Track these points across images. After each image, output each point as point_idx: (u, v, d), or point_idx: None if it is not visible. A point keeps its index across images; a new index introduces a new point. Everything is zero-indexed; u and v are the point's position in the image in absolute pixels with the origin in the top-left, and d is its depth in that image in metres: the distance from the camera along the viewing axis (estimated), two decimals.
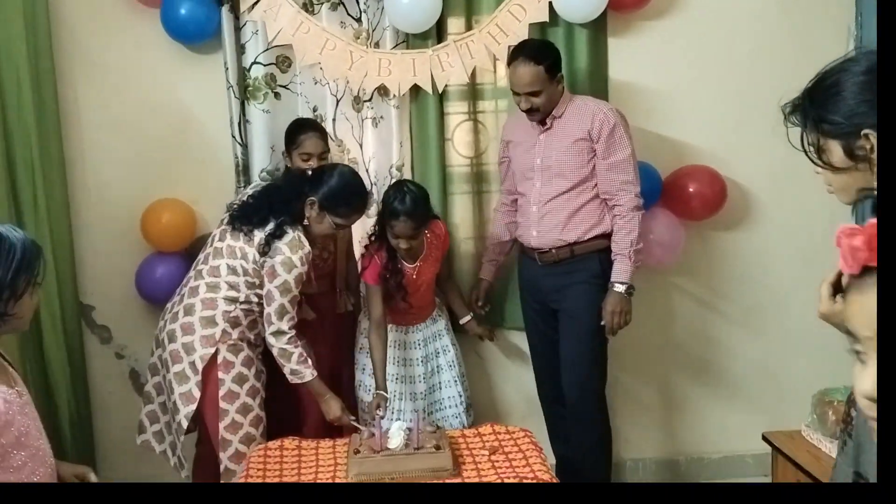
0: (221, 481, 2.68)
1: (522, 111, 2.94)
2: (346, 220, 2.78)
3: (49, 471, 1.93)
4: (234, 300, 2.72)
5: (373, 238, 2.97)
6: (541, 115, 2.94)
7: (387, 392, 2.91)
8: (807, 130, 1.52)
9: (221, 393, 2.67)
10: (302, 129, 3.00)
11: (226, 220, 2.80)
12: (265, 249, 2.67)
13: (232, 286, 2.72)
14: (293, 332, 2.71)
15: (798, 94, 1.53)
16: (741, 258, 3.52)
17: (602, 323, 2.90)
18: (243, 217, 2.75)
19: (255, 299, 2.73)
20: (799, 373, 3.43)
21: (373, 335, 2.92)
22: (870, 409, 0.96)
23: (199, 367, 2.66)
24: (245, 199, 2.83)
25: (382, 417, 2.75)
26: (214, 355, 2.67)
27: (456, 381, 3.09)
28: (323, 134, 3.05)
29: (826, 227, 3.33)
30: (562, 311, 3.01)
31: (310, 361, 2.74)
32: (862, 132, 1.43)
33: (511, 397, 3.48)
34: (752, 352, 3.57)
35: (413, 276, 2.98)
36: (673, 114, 3.39)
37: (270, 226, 2.69)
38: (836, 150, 1.49)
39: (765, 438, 2.78)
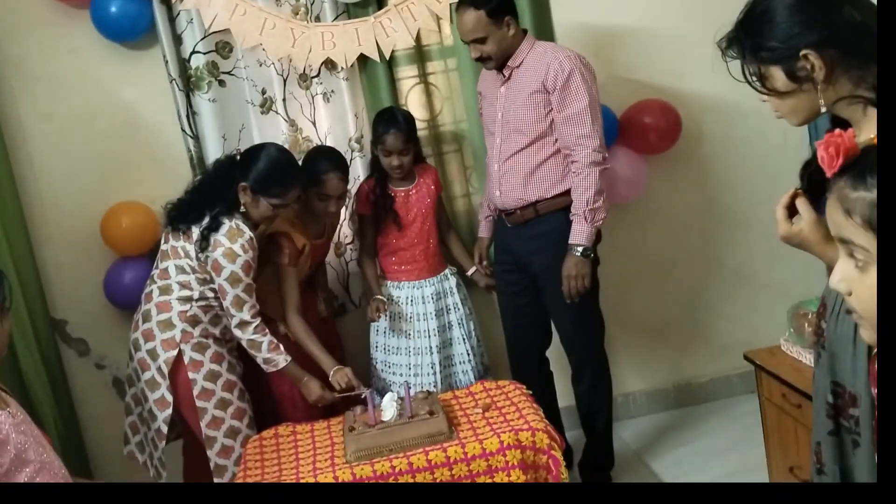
0: (214, 478, 2.70)
1: (474, 60, 2.85)
2: (282, 199, 2.70)
3: (62, 482, 1.93)
4: (188, 299, 2.70)
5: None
6: (495, 64, 2.83)
7: (384, 297, 3.05)
8: (746, 61, 1.53)
9: (196, 392, 2.66)
10: (324, 169, 2.87)
11: (165, 222, 2.78)
12: (203, 245, 2.64)
13: (184, 285, 2.70)
14: (258, 321, 2.69)
15: (731, 28, 1.54)
16: (703, 185, 3.57)
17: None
18: (179, 216, 2.72)
19: (211, 294, 2.71)
20: (774, 287, 3.51)
21: (363, 257, 3.14)
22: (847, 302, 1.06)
23: (166, 371, 2.66)
24: (181, 196, 2.79)
25: (380, 319, 3.02)
26: (181, 357, 2.67)
27: (464, 338, 3.12)
28: (345, 175, 2.95)
29: (781, 143, 3.38)
30: (538, 277, 2.95)
31: (281, 347, 2.73)
32: (801, 53, 1.45)
33: None
34: (725, 272, 3.63)
35: (405, 201, 3.04)
36: (620, 51, 3.40)
37: (206, 220, 2.65)
38: (778, 76, 1.50)
39: (746, 357, 2.83)
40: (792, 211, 1.52)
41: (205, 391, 2.67)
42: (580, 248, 2.78)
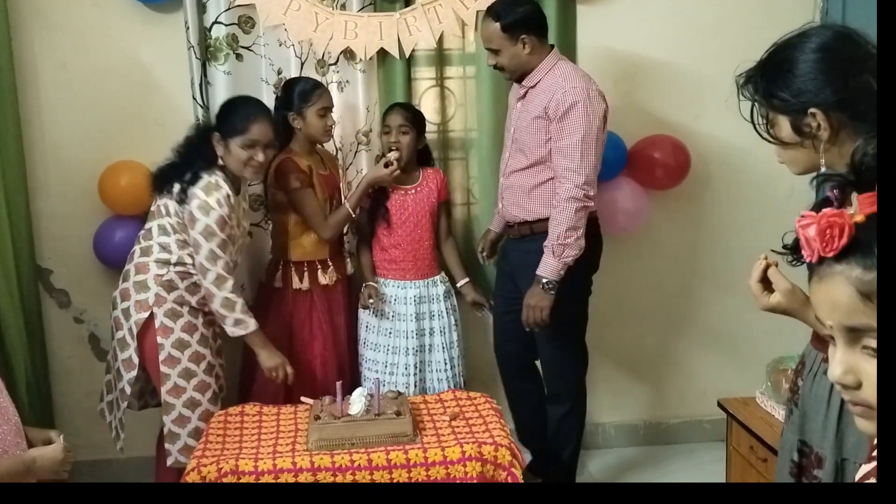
0: (165, 444, 2.69)
1: (489, 66, 2.88)
2: (246, 134, 2.68)
3: (14, 428, 1.93)
4: (165, 262, 2.70)
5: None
6: (510, 76, 2.86)
7: (375, 284, 3.10)
8: (758, 103, 1.53)
9: (161, 357, 2.67)
10: (316, 87, 2.99)
11: (150, 184, 2.79)
12: (181, 197, 2.65)
13: (164, 247, 2.70)
14: (233, 279, 2.68)
15: (753, 66, 1.53)
16: (703, 228, 3.56)
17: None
18: (162, 176, 2.74)
19: (189, 261, 2.71)
20: (758, 339, 3.49)
21: (360, 245, 3.21)
22: (844, 393, 0.93)
23: (135, 331, 2.66)
24: (165, 160, 2.80)
25: (373, 305, 3.06)
26: (152, 319, 2.66)
27: (445, 347, 3.11)
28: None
29: (787, 197, 3.37)
30: (524, 293, 2.89)
31: (251, 313, 2.73)
32: (809, 111, 1.45)
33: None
34: (711, 318, 3.62)
35: (402, 199, 3.07)
36: (640, 83, 3.40)
37: (187, 176, 2.67)
38: (784, 126, 1.50)
39: (720, 405, 2.83)
40: (766, 283, 1.51)
41: (170, 358, 2.67)
42: (543, 280, 2.74)
